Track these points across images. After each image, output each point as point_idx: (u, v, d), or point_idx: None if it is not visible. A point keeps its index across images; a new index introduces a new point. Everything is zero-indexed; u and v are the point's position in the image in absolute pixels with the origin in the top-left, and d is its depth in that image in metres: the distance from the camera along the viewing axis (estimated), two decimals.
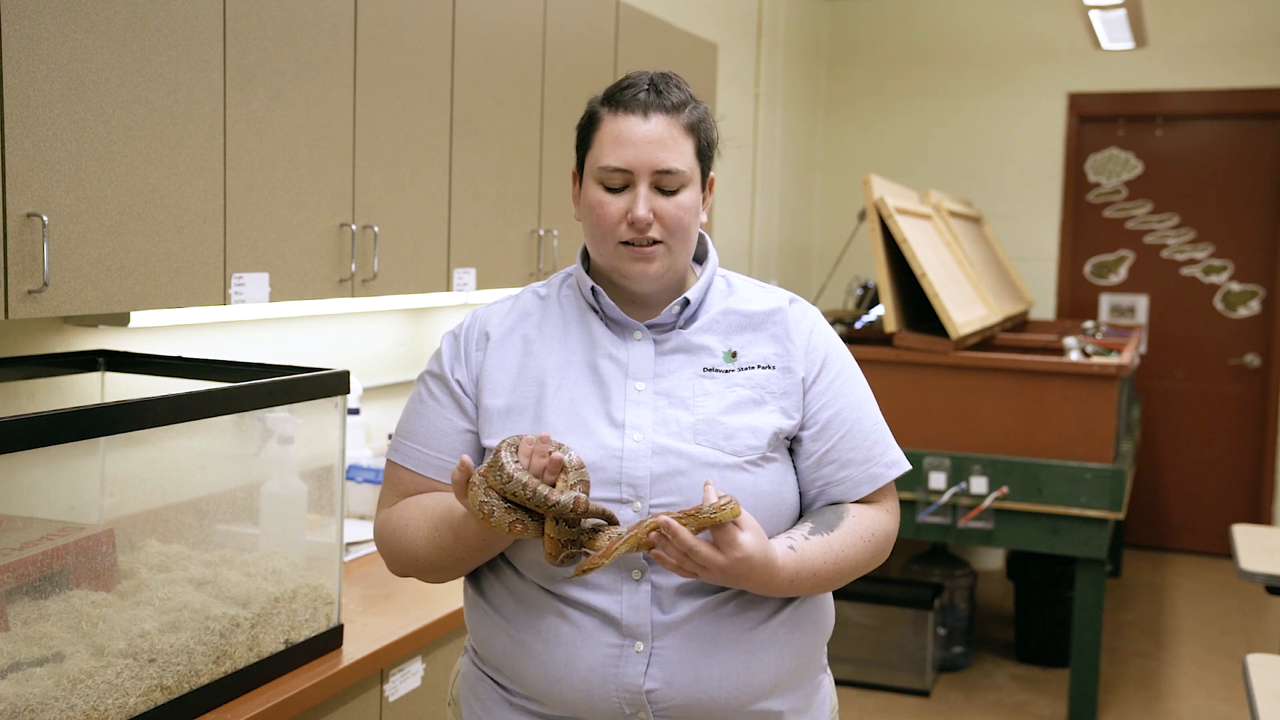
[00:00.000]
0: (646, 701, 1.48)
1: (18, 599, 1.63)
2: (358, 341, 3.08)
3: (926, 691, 4.34)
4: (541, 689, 1.53)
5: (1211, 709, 4.29)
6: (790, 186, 6.14)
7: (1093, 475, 3.86)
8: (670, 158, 1.53)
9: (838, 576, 1.54)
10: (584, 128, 1.60)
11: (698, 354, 1.58)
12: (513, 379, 1.57)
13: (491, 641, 1.58)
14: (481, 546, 1.51)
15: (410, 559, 1.59)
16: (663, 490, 1.50)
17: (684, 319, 1.60)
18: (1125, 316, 6.30)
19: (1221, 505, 6.23)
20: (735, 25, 5.29)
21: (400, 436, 1.64)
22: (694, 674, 1.49)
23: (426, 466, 1.60)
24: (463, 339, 1.63)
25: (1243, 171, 6.11)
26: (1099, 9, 4.62)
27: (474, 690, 1.64)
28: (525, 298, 1.66)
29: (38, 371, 2.12)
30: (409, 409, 1.65)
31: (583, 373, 1.56)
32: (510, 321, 1.63)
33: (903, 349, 4.11)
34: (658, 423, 1.53)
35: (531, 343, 1.60)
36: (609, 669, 1.48)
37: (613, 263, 1.56)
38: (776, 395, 1.57)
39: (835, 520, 1.56)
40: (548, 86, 3.10)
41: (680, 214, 1.55)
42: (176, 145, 1.98)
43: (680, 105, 1.56)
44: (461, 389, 1.60)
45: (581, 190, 1.60)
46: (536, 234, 3.09)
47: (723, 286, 1.66)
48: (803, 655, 1.58)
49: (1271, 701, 2.25)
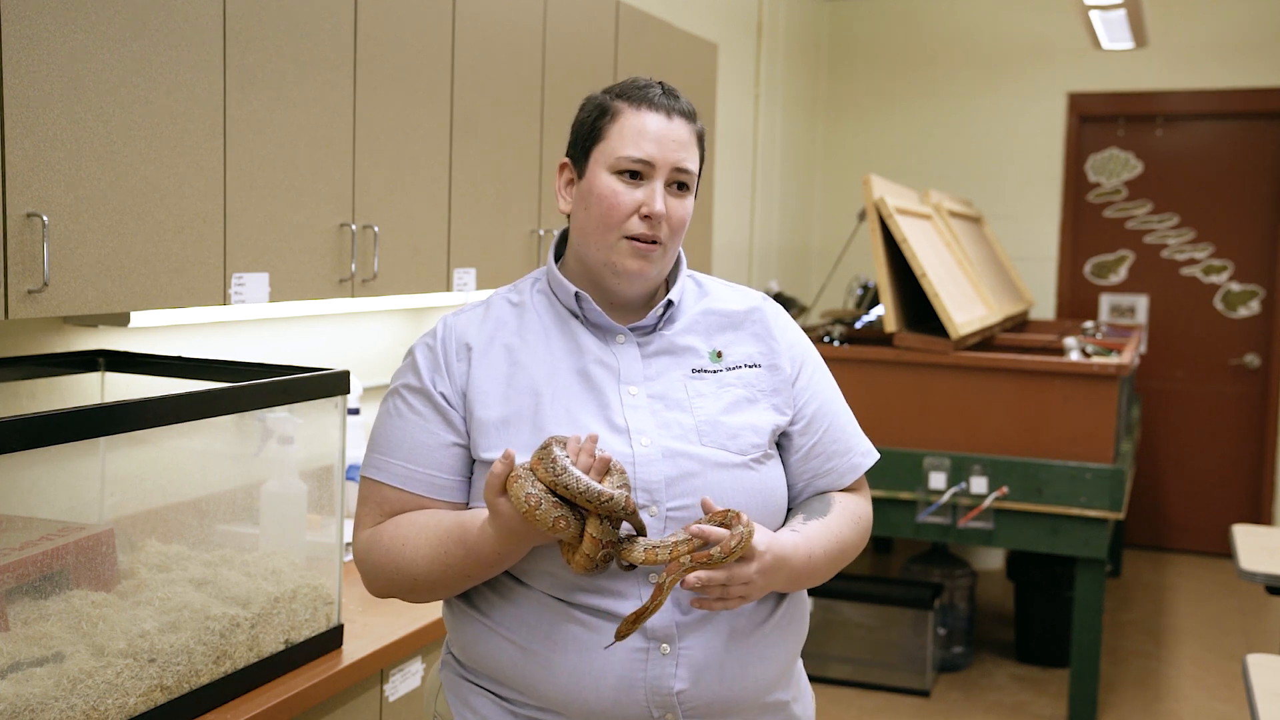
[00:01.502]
0: (677, 702, 1.48)
1: (18, 599, 1.63)
2: (358, 341, 3.08)
3: (926, 691, 4.34)
4: (564, 700, 1.49)
5: (1211, 709, 4.29)
6: (790, 187, 6.14)
7: (1093, 475, 3.86)
8: (688, 159, 1.56)
9: (841, 558, 1.59)
10: (594, 119, 1.57)
11: (683, 355, 1.59)
12: (503, 390, 1.54)
13: (491, 655, 1.53)
14: (495, 561, 1.46)
15: (407, 579, 1.52)
16: (677, 493, 1.50)
17: (664, 320, 1.61)
18: (1125, 316, 6.30)
19: (1221, 505, 6.23)
20: (735, 25, 5.29)
21: (378, 453, 1.57)
22: (718, 671, 1.50)
23: (414, 483, 1.54)
24: (440, 350, 1.57)
25: (1243, 171, 6.11)
26: (1099, 9, 4.62)
27: (466, 701, 1.58)
28: (497, 305, 1.62)
29: (38, 371, 2.12)
30: (385, 424, 1.58)
31: (573, 380, 1.54)
32: (488, 331, 1.58)
33: (903, 349, 4.11)
34: (659, 426, 1.52)
35: (515, 352, 1.56)
36: (637, 673, 1.47)
37: (610, 257, 1.54)
38: (767, 393, 1.60)
39: (824, 507, 1.60)
40: (548, 86, 3.10)
41: (685, 217, 1.58)
42: (176, 145, 1.98)
43: (693, 115, 1.59)
44: (446, 401, 1.55)
45: (585, 180, 1.57)
46: (536, 234, 3.09)
47: (693, 287, 1.67)
48: (797, 645, 1.62)
49: (1271, 701, 2.25)
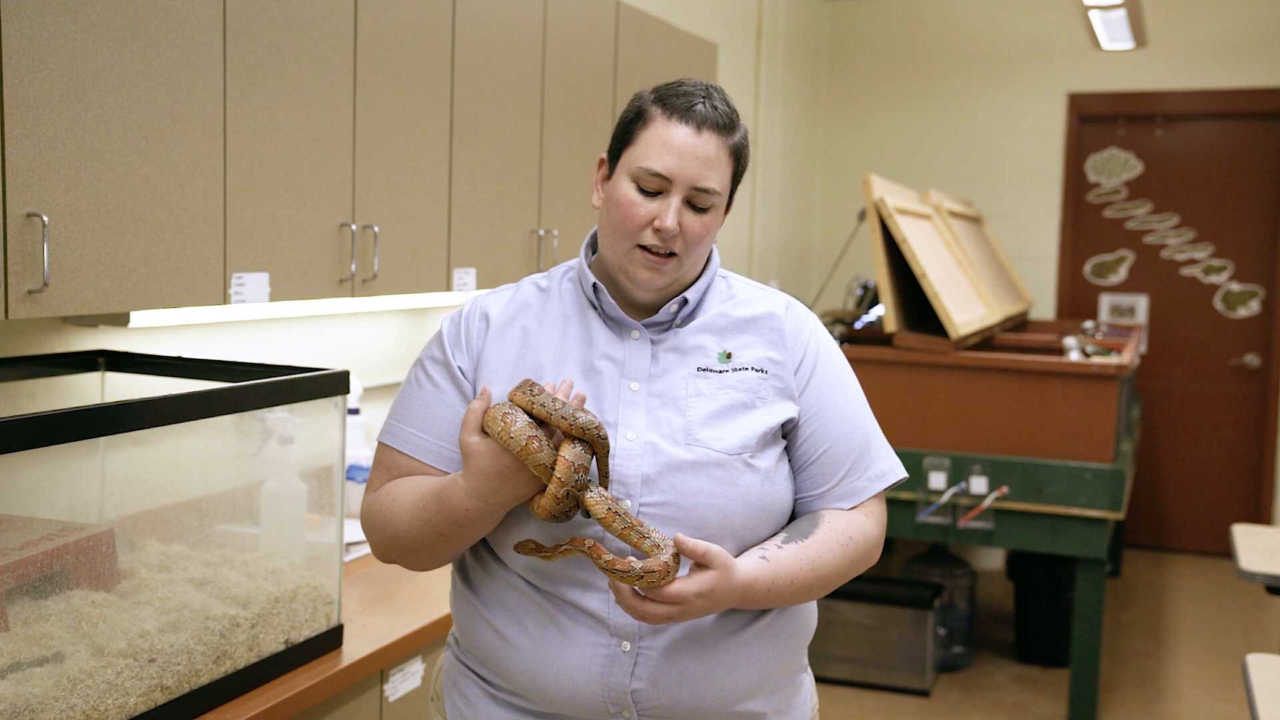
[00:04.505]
0: (631, 701, 1.49)
1: (18, 599, 1.63)
2: (358, 341, 3.08)
3: (926, 691, 4.34)
4: (526, 685, 1.53)
5: (1211, 709, 4.29)
6: (790, 187, 6.14)
7: (1093, 475, 3.86)
8: (711, 177, 1.52)
9: (819, 583, 1.53)
10: (630, 121, 1.56)
11: (692, 354, 1.58)
12: (510, 370, 1.56)
13: (476, 635, 1.57)
14: (464, 519, 1.47)
15: (393, 536, 1.55)
16: (652, 489, 1.50)
17: (680, 318, 1.60)
18: (1125, 316, 6.30)
19: (1221, 505, 6.23)
20: (735, 25, 5.29)
21: (395, 420, 1.61)
22: (679, 675, 1.49)
23: (423, 452, 1.58)
24: (463, 324, 1.61)
25: (1243, 171, 6.11)
26: (1099, 9, 4.62)
27: (456, 685, 1.63)
28: (526, 288, 1.65)
29: (38, 371, 2.12)
30: (405, 392, 1.62)
31: (577, 370, 1.56)
32: (511, 311, 1.61)
33: (903, 349, 4.11)
34: (650, 424, 1.52)
35: (530, 335, 1.59)
36: (595, 668, 1.49)
37: (624, 263, 1.55)
38: (767, 400, 1.56)
39: (809, 528, 1.55)
40: (548, 87, 3.10)
41: (703, 232, 1.54)
42: (176, 145, 1.98)
43: (731, 126, 1.54)
44: (462, 374, 1.59)
45: (610, 182, 1.57)
46: (536, 234, 3.09)
47: (723, 288, 1.65)
48: (785, 657, 1.58)
49: (1271, 701, 2.24)
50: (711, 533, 1.49)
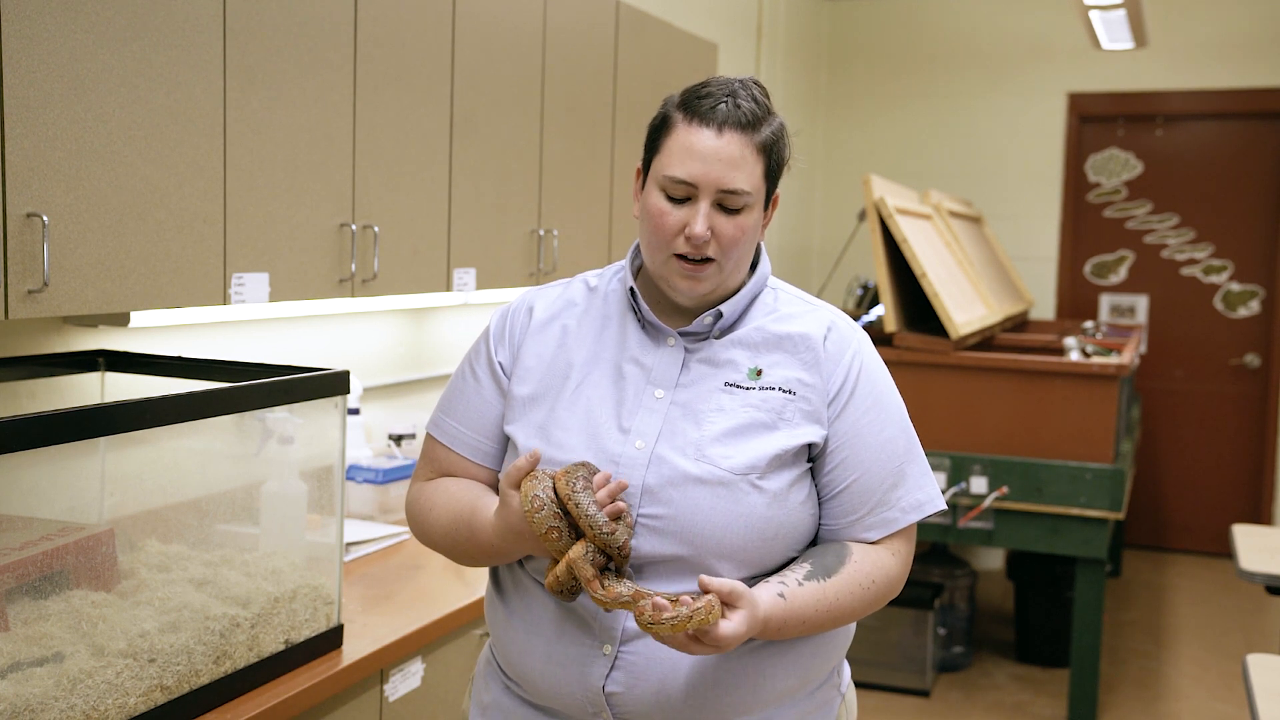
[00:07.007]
0: (606, 704, 1.49)
1: (18, 599, 1.63)
2: (358, 341, 3.08)
3: (926, 691, 4.34)
4: (521, 675, 1.57)
5: (1211, 709, 4.29)
6: (790, 187, 6.14)
7: (1093, 475, 3.86)
8: (738, 178, 1.48)
9: (830, 624, 1.50)
10: (656, 129, 1.54)
11: (723, 368, 1.54)
12: (544, 368, 1.58)
13: (494, 622, 1.63)
14: (491, 552, 1.54)
15: (428, 539, 1.64)
16: (653, 501, 1.48)
17: (718, 329, 1.56)
18: (1125, 316, 6.30)
19: (1221, 505, 6.23)
20: (735, 25, 5.29)
21: (440, 411, 1.66)
22: (658, 683, 1.47)
23: (462, 445, 1.62)
24: (509, 317, 1.64)
25: (1243, 171, 6.11)
26: (1099, 9, 4.61)
27: (483, 671, 1.70)
28: (575, 286, 1.66)
29: (38, 371, 2.12)
30: (452, 385, 1.67)
31: (606, 372, 1.56)
32: (556, 308, 1.63)
33: (903, 349, 4.11)
34: (666, 434, 1.50)
35: (569, 334, 1.60)
36: (575, 667, 1.50)
37: (663, 273, 1.53)
38: (791, 421, 1.51)
39: (835, 564, 1.50)
40: (548, 86, 3.10)
41: (738, 234, 1.50)
42: (176, 145, 1.98)
43: (756, 123, 1.50)
44: (502, 369, 1.61)
45: (644, 192, 1.55)
46: (536, 234, 3.09)
47: (769, 300, 1.60)
48: (793, 677, 1.53)
49: (1271, 701, 2.24)
50: (705, 550, 1.47)
